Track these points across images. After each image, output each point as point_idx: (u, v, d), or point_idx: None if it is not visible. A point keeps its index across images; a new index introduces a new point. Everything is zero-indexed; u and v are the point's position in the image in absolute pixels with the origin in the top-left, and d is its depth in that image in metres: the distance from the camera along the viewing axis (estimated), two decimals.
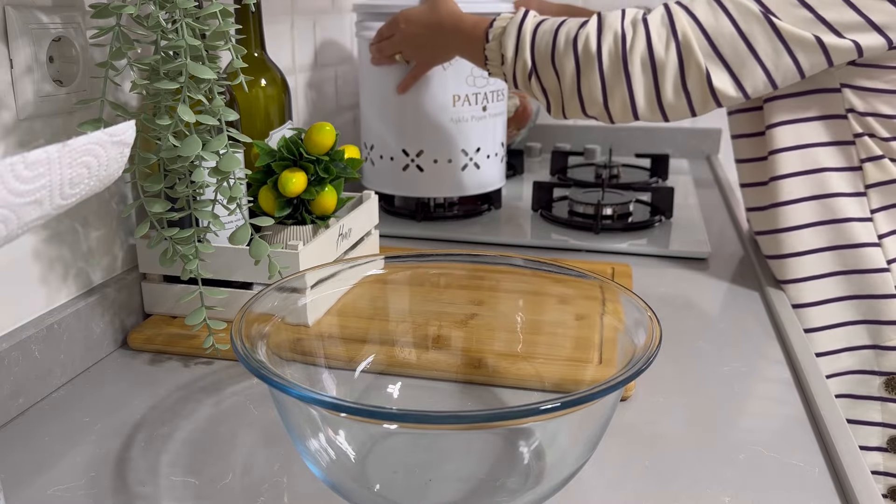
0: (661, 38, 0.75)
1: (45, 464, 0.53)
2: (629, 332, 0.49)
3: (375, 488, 0.47)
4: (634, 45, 0.75)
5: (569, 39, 0.78)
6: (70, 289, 0.66)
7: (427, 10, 0.94)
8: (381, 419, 0.45)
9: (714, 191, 1.32)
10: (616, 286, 0.54)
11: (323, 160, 0.76)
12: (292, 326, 0.55)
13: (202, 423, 0.58)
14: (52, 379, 0.62)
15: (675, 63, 0.75)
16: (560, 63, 0.79)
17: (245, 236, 0.64)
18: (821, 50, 0.72)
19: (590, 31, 0.77)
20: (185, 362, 0.68)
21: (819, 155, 0.80)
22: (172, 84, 0.58)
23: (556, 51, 0.79)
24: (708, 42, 0.73)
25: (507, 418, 0.40)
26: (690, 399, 0.62)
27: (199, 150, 0.60)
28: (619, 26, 0.77)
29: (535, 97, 0.84)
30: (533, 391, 0.61)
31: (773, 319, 0.78)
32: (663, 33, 0.75)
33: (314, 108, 1.19)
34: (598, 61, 0.77)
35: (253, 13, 0.80)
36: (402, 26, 0.96)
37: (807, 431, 0.58)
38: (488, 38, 0.84)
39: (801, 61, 0.73)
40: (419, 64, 1.00)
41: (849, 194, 0.79)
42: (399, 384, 0.61)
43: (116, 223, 0.72)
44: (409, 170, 1.08)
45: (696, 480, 0.52)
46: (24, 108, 0.59)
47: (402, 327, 0.64)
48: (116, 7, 0.57)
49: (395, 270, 0.62)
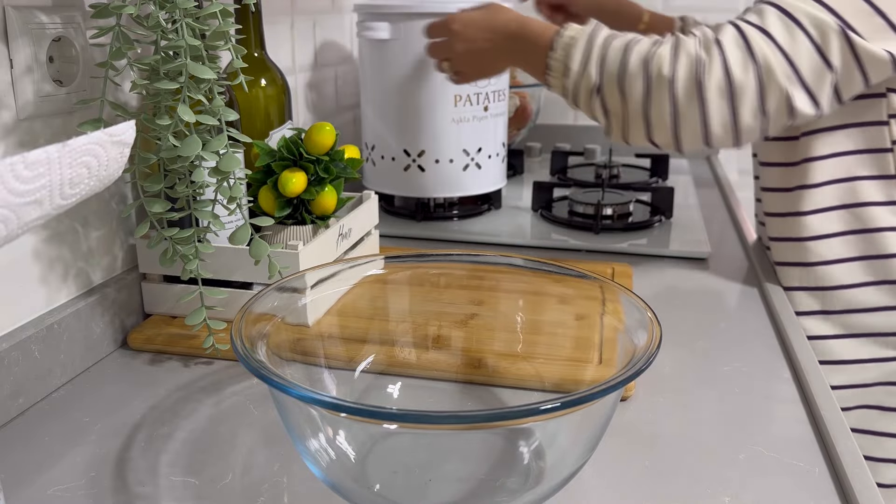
0: (738, 61, 0.71)
1: (45, 464, 0.53)
2: (629, 332, 0.49)
3: (375, 488, 0.47)
4: (711, 70, 0.72)
5: (641, 60, 0.74)
6: (70, 289, 0.66)
7: (487, 14, 0.87)
8: (381, 419, 0.45)
9: (714, 191, 1.32)
10: (616, 286, 0.54)
11: (323, 160, 0.76)
12: (292, 326, 0.55)
13: (202, 423, 0.58)
14: (52, 379, 0.62)
15: (754, 87, 0.72)
16: (629, 84, 0.75)
17: (245, 236, 0.64)
18: (892, 66, 0.71)
19: (663, 54, 0.73)
20: (185, 362, 0.68)
21: (853, 163, 0.79)
22: (172, 84, 0.58)
23: (626, 71, 0.74)
24: (788, 65, 0.71)
25: (507, 418, 0.40)
26: (690, 399, 0.62)
27: (199, 150, 0.60)
28: (693, 49, 0.73)
29: (593, 116, 0.79)
30: (533, 391, 0.61)
31: (773, 319, 0.78)
32: (739, 56, 0.72)
33: (314, 108, 1.19)
34: (671, 86, 0.73)
35: (253, 13, 0.80)
36: (457, 28, 0.87)
37: (807, 431, 0.58)
38: (554, 46, 0.79)
39: (870, 77, 0.72)
40: (464, 74, 0.91)
41: (882, 203, 0.79)
42: (399, 384, 0.61)
43: (116, 223, 0.72)
44: (410, 170, 1.08)
45: (696, 480, 0.52)
46: (24, 108, 0.59)
47: (402, 327, 0.64)
48: (116, 7, 0.57)
49: (395, 270, 0.62)
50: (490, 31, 0.85)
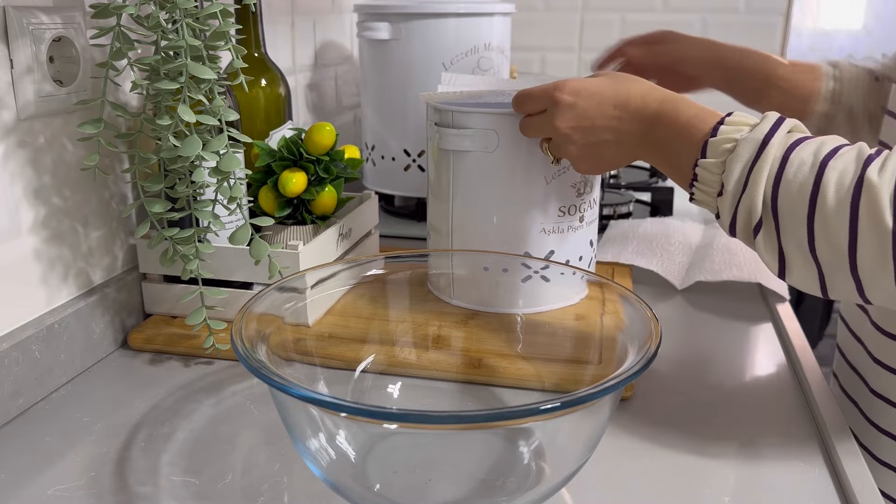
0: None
1: (45, 464, 0.53)
2: (629, 332, 0.49)
3: (375, 488, 0.47)
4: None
5: (842, 193, 0.48)
6: (70, 289, 0.66)
7: (610, 84, 0.62)
8: (381, 419, 0.45)
9: None
10: (616, 286, 0.54)
11: (323, 160, 0.76)
12: (292, 326, 0.55)
13: (202, 423, 0.58)
14: (52, 379, 0.62)
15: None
16: (825, 225, 0.49)
17: (245, 236, 0.64)
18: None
19: (879, 188, 0.46)
20: (186, 362, 0.68)
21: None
22: (173, 84, 0.58)
23: (821, 205, 0.48)
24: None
25: (507, 418, 0.40)
26: (690, 399, 0.62)
27: (200, 150, 0.60)
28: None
29: (760, 255, 0.53)
30: (533, 391, 0.61)
31: (773, 319, 0.78)
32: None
33: (314, 108, 1.19)
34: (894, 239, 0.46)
35: (253, 13, 0.80)
36: (566, 99, 0.62)
37: (807, 431, 0.58)
38: (705, 151, 0.54)
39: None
40: (577, 166, 0.65)
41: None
42: (399, 384, 0.61)
43: (116, 223, 0.72)
44: (410, 170, 1.08)
45: (697, 480, 0.52)
46: (24, 108, 0.59)
47: (402, 327, 0.64)
48: (116, 7, 0.57)
49: (395, 270, 0.63)
50: (616, 108, 0.60)
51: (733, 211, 0.53)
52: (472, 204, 0.73)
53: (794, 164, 0.50)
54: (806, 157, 0.50)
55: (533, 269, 0.63)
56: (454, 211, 0.74)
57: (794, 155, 0.50)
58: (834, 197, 0.48)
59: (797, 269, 0.51)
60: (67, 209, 0.65)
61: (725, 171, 0.52)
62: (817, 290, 0.51)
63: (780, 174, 0.50)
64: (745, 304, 0.82)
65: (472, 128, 0.70)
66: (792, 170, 0.50)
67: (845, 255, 0.48)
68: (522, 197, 0.71)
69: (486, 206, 0.72)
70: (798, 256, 0.50)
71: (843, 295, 0.51)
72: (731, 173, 0.52)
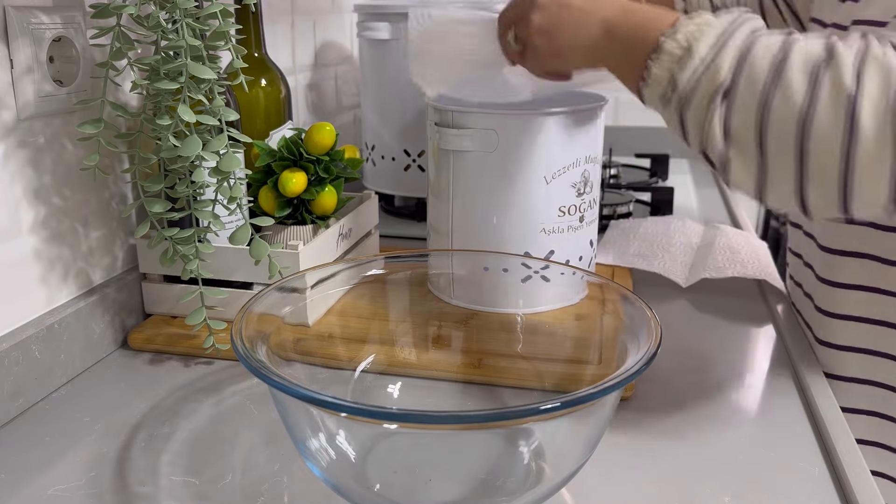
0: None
1: (45, 464, 0.53)
2: (629, 332, 0.49)
3: (375, 488, 0.47)
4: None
5: (804, 65, 0.49)
6: (70, 289, 0.66)
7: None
8: (381, 419, 0.45)
9: (714, 191, 1.32)
10: (616, 286, 0.54)
11: (323, 160, 0.76)
12: (292, 326, 0.55)
13: (202, 423, 0.58)
14: (52, 379, 0.62)
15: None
16: (781, 97, 0.48)
17: (245, 236, 0.64)
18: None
19: (844, 60, 0.47)
20: (186, 362, 0.68)
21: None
22: (173, 84, 0.58)
23: (781, 77, 0.49)
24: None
25: (507, 418, 0.40)
26: (690, 399, 0.62)
27: (200, 150, 0.60)
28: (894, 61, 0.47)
29: (702, 144, 0.53)
30: (533, 391, 0.61)
31: (773, 319, 0.78)
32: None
33: (314, 108, 1.19)
34: (853, 111, 0.47)
35: (253, 13, 0.80)
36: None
37: (807, 431, 0.58)
38: (676, 27, 0.54)
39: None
40: (533, 55, 0.65)
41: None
42: (399, 384, 0.61)
43: (116, 223, 0.72)
44: (410, 170, 1.08)
45: (697, 480, 0.52)
46: (24, 108, 0.59)
47: (402, 327, 0.64)
48: (116, 7, 0.57)
49: (395, 270, 0.63)
50: (587, 3, 0.61)
51: (694, 79, 0.51)
52: (472, 204, 0.73)
53: (767, 43, 0.50)
54: (777, 40, 0.50)
55: (533, 269, 0.64)
56: (454, 211, 0.74)
57: (766, 38, 0.51)
58: (797, 66, 0.48)
59: (740, 157, 0.51)
60: (67, 209, 0.65)
61: (692, 38, 0.52)
62: (747, 185, 0.52)
63: (747, 46, 0.50)
64: (745, 304, 0.82)
65: (472, 128, 0.71)
66: (759, 47, 0.50)
67: (795, 131, 0.48)
68: (522, 197, 0.71)
69: (486, 206, 0.72)
70: (748, 138, 0.50)
71: (778, 190, 0.51)
72: (698, 41, 0.52)
